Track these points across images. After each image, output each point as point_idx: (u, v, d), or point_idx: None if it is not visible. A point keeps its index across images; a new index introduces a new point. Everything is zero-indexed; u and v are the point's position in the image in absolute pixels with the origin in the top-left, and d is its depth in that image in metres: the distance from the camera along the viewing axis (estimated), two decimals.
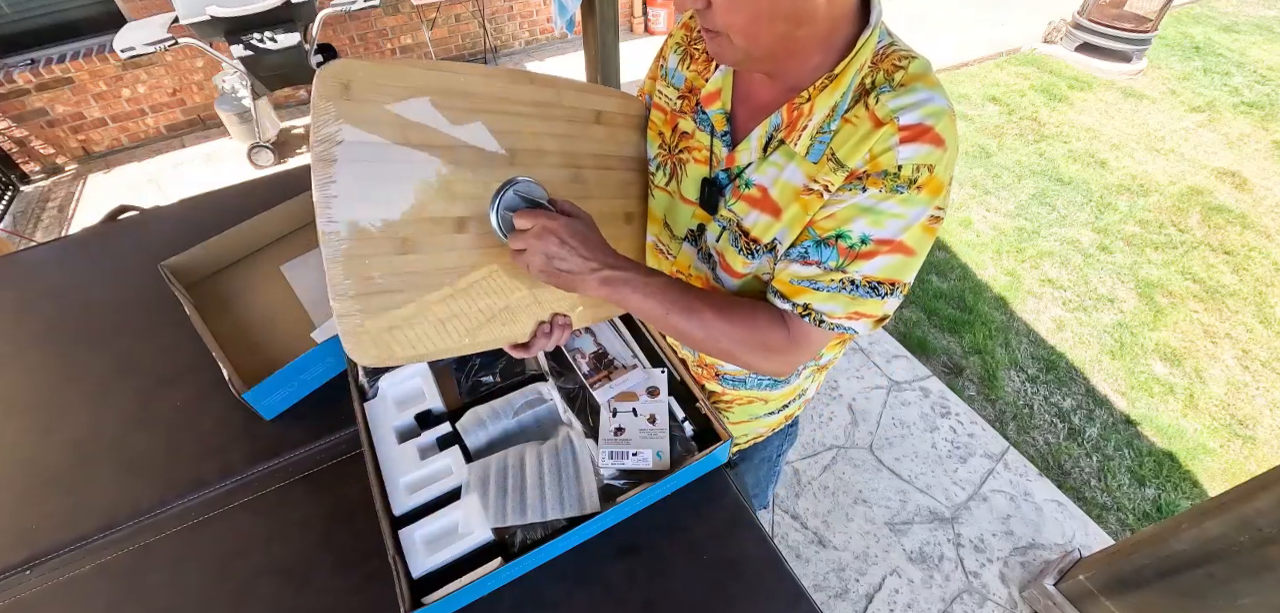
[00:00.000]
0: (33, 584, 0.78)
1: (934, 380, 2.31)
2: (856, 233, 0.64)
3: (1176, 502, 2.03)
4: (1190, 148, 3.87)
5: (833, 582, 1.75)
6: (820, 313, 0.68)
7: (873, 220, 0.64)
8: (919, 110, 0.61)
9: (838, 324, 0.69)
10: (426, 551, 0.72)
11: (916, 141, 0.61)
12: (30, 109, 3.40)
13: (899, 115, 0.62)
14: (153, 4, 3.45)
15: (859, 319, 0.69)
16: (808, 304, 0.69)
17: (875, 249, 0.65)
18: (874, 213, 0.63)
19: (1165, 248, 3.08)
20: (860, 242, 0.65)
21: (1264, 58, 5.01)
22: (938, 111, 0.62)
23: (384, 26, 4.18)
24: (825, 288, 0.67)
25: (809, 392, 1.00)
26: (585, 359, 0.92)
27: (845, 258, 0.66)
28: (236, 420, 0.96)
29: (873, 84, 0.64)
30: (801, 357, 0.73)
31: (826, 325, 0.69)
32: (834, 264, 0.66)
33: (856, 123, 0.64)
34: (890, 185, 0.62)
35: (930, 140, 0.61)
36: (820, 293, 0.68)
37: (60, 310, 1.19)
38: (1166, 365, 2.49)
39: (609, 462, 0.80)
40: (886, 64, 0.65)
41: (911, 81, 0.63)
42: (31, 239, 3.13)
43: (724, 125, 0.75)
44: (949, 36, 5.12)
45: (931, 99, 0.62)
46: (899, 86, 0.63)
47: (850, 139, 0.65)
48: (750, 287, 0.79)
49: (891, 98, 0.63)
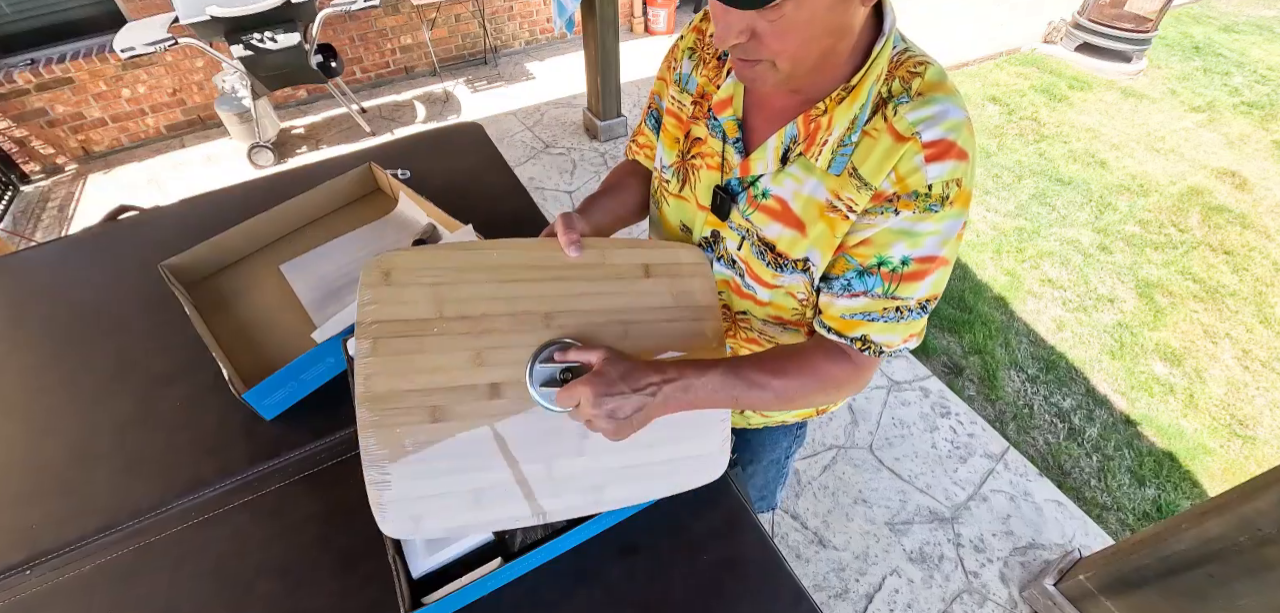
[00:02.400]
0: (33, 584, 0.78)
1: (934, 380, 2.31)
2: (897, 256, 0.65)
3: (1176, 502, 2.03)
4: (1190, 148, 3.87)
5: (833, 582, 1.75)
6: (878, 344, 0.70)
7: (911, 242, 0.64)
8: (939, 124, 0.61)
9: (898, 349, 0.71)
10: (426, 551, 0.72)
11: (943, 159, 0.61)
12: (30, 109, 3.40)
13: (921, 130, 0.61)
14: (153, 4, 3.45)
15: (912, 339, 0.71)
16: (865, 336, 0.70)
17: (918, 270, 0.65)
18: (911, 235, 0.64)
19: (1165, 248, 3.08)
20: (901, 264, 0.65)
21: (1264, 57, 5.02)
22: (957, 124, 0.61)
23: (384, 26, 4.18)
24: (880, 318, 0.69)
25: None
26: None
27: (890, 282, 0.66)
28: (236, 421, 0.96)
29: (890, 94, 0.64)
30: (866, 380, 0.75)
31: (888, 355, 0.71)
32: (881, 291, 0.67)
33: (876, 135, 0.64)
34: (923, 206, 0.62)
35: (955, 155, 0.61)
36: (876, 323, 0.69)
37: (60, 310, 1.19)
38: (1166, 365, 2.49)
39: None
40: (902, 71, 0.64)
41: (929, 91, 0.63)
42: (31, 239, 3.13)
43: (736, 133, 0.74)
44: (949, 36, 5.12)
45: (949, 111, 0.62)
46: (917, 96, 0.63)
47: (871, 153, 0.64)
48: (781, 301, 0.79)
49: (910, 110, 0.62)
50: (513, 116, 4.00)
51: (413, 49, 4.36)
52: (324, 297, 1.12)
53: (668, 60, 0.88)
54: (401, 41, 4.30)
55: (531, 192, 1.44)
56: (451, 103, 4.19)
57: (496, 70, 4.57)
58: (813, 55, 0.60)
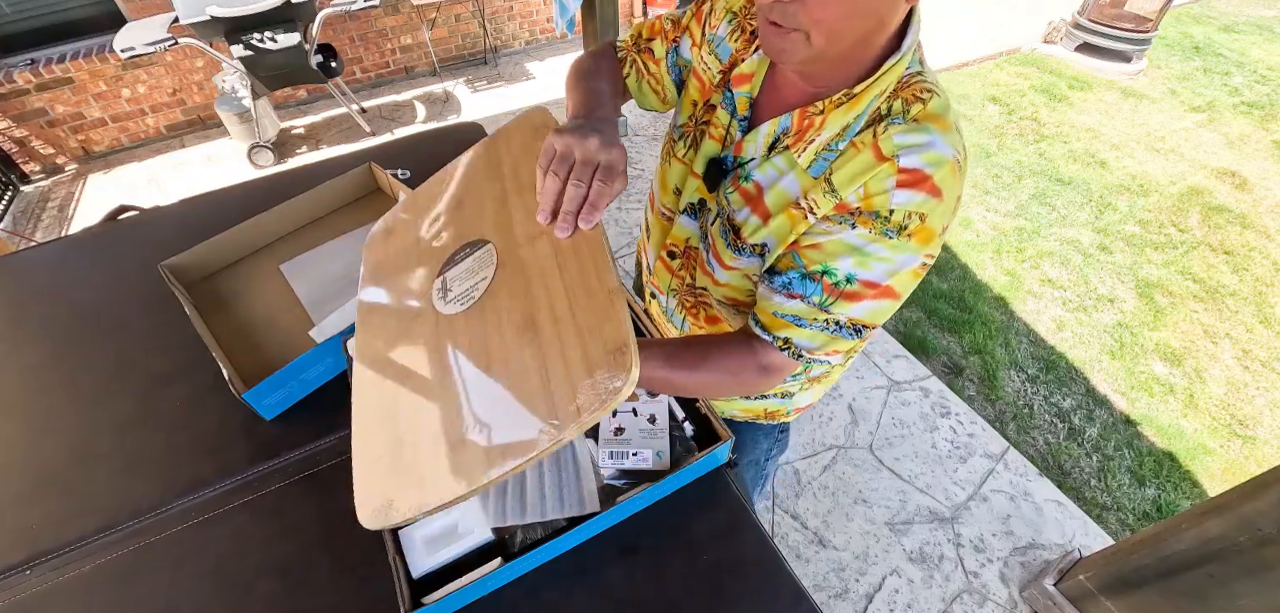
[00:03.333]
0: (32, 584, 0.78)
1: (934, 380, 2.31)
2: (842, 271, 0.64)
3: (1176, 502, 2.03)
4: (1190, 148, 3.87)
5: (833, 582, 1.75)
6: (799, 348, 0.69)
7: (860, 261, 0.63)
8: (921, 154, 0.59)
9: (817, 360, 0.70)
10: (426, 551, 0.72)
11: (913, 188, 0.59)
12: (30, 109, 3.40)
13: (900, 155, 0.60)
14: (153, 4, 3.45)
15: (835, 354, 0.70)
16: (789, 339, 0.69)
17: (860, 292, 0.64)
18: (862, 254, 0.62)
19: (1165, 248, 3.08)
20: (846, 281, 0.64)
21: (1264, 58, 5.02)
22: (940, 160, 0.59)
23: (384, 27, 4.18)
24: (807, 325, 0.67)
25: (797, 398, 1.00)
26: None
27: (829, 295, 0.65)
28: (236, 421, 0.96)
29: (889, 111, 0.62)
30: (775, 382, 0.74)
31: (805, 361, 0.70)
32: (817, 300, 0.66)
33: (861, 148, 0.63)
34: (880, 229, 0.61)
35: (927, 189, 0.59)
36: (802, 329, 0.68)
37: (60, 310, 1.19)
38: (1166, 365, 2.49)
39: (609, 462, 0.80)
40: (907, 93, 0.63)
41: (926, 120, 0.61)
42: (31, 239, 3.13)
43: (746, 110, 0.74)
44: (949, 36, 5.12)
45: (937, 145, 0.60)
46: (912, 121, 0.61)
47: (849, 164, 0.63)
48: (737, 283, 0.80)
49: (899, 132, 0.61)
50: (513, 117, 4.00)
51: (413, 49, 4.36)
52: (324, 296, 1.12)
53: (697, 12, 0.84)
54: (401, 41, 4.30)
55: None
56: (452, 103, 4.19)
57: (496, 70, 4.57)
58: (849, 35, 0.59)
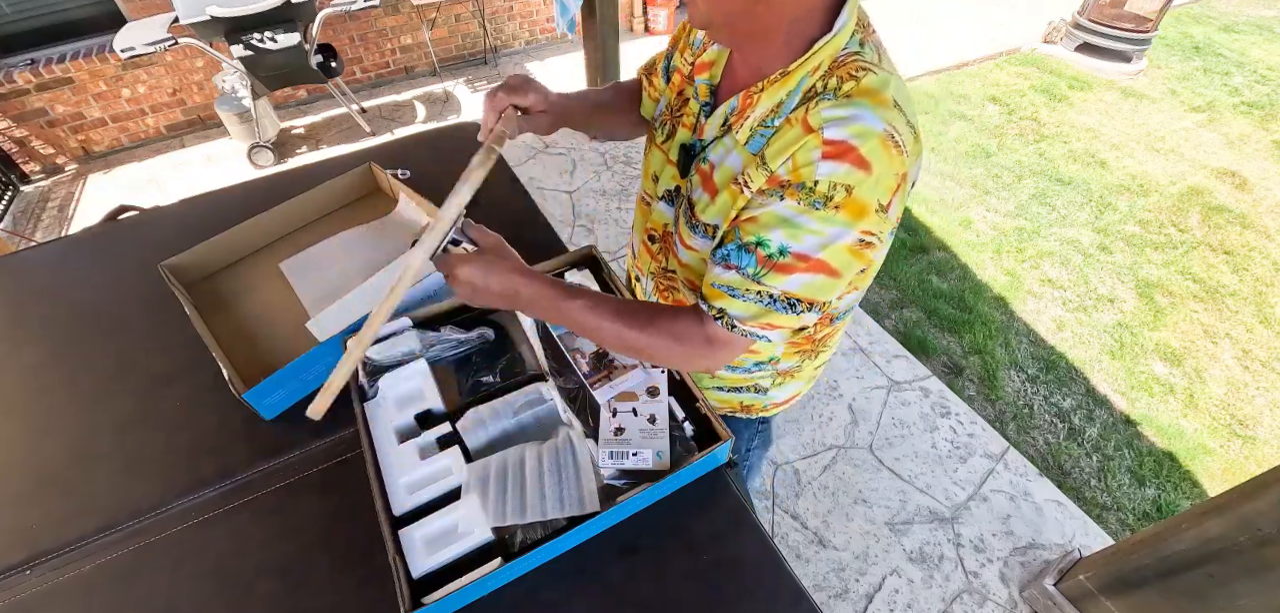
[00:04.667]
0: (32, 584, 0.78)
1: (934, 380, 2.31)
2: (775, 243, 0.64)
3: (1176, 502, 2.03)
4: (1190, 148, 3.87)
5: (833, 582, 1.75)
6: (733, 319, 0.70)
7: (790, 233, 0.63)
8: (846, 126, 0.60)
9: (750, 332, 0.70)
10: (426, 551, 0.72)
11: (836, 160, 0.60)
12: (30, 109, 3.40)
13: (826, 127, 0.60)
14: (153, 4, 3.45)
15: (772, 330, 0.70)
16: (723, 310, 0.70)
17: (792, 264, 0.64)
18: (792, 225, 0.63)
19: (1165, 248, 3.08)
20: (778, 253, 0.65)
21: (1264, 57, 5.02)
22: (866, 132, 0.59)
23: (384, 27, 4.18)
24: (740, 296, 0.68)
25: (772, 393, 1.01)
26: (585, 359, 0.92)
27: (762, 267, 0.66)
28: (236, 420, 0.96)
29: (822, 89, 0.64)
30: (723, 357, 0.75)
31: (739, 332, 0.70)
32: (752, 272, 0.67)
33: (793, 125, 0.64)
34: (807, 200, 0.61)
35: (852, 160, 0.59)
36: (736, 300, 0.69)
37: (60, 310, 1.19)
38: (1166, 365, 2.49)
39: (609, 462, 0.80)
40: (842, 71, 0.63)
41: (858, 95, 0.61)
42: (31, 239, 3.13)
43: (707, 96, 0.79)
44: (949, 36, 5.12)
45: (864, 117, 0.60)
46: (842, 97, 0.62)
47: (779, 140, 0.65)
48: (696, 266, 0.83)
49: (826, 106, 0.61)
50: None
51: (413, 49, 4.36)
52: (324, 296, 1.12)
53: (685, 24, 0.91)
54: (401, 41, 4.30)
55: (532, 192, 1.44)
56: (451, 103, 4.19)
57: (497, 70, 4.57)
58: (735, 7, 0.63)
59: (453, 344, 0.96)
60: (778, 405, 1.05)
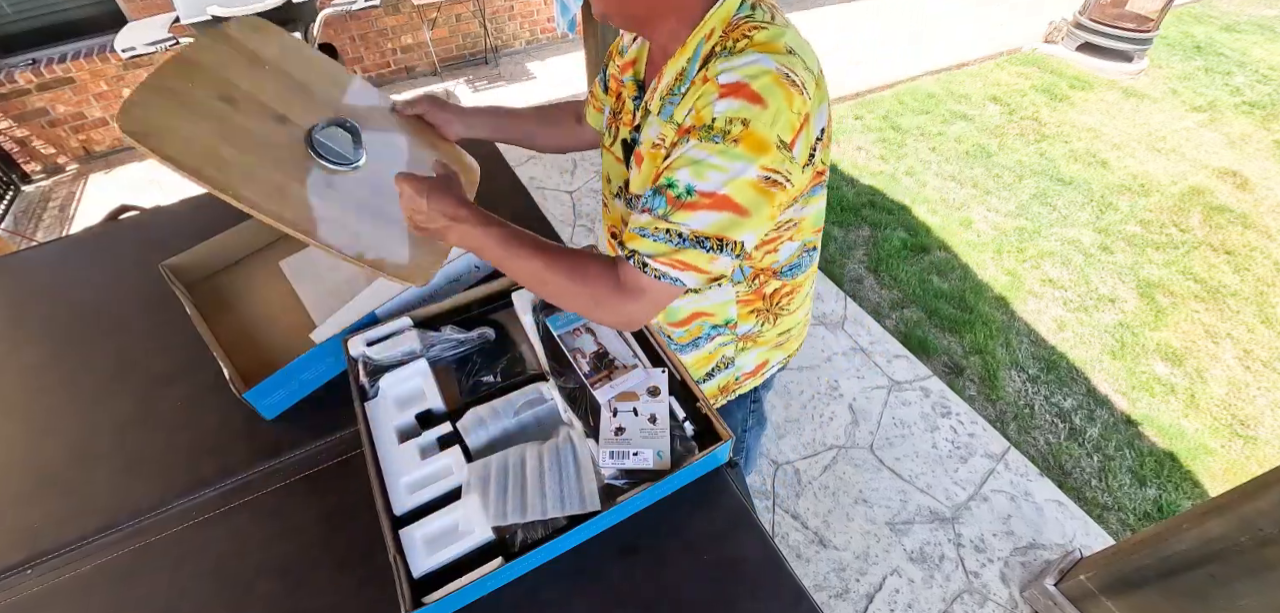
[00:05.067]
0: (32, 584, 0.78)
1: (934, 380, 2.30)
2: (682, 182, 0.68)
3: (1177, 502, 2.03)
4: (1191, 148, 3.87)
5: (833, 582, 1.75)
6: (644, 257, 0.71)
7: (695, 171, 0.67)
8: (738, 70, 0.65)
9: (664, 273, 0.71)
10: (427, 550, 0.72)
11: (731, 97, 0.64)
12: (31, 109, 3.40)
13: (721, 75, 0.66)
14: (154, 4, 3.46)
15: (686, 271, 0.71)
16: (634, 250, 0.72)
17: (698, 201, 0.67)
18: (697, 165, 0.66)
19: (1166, 248, 3.08)
20: (686, 192, 0.68)
21: (1265, 57, 5.01)
22: (758, 71, 0.64)
23: (384, 26, 4.18)
24: (651, 236, 0.70)
25: (739, 361, 1.03)
26: (586, 359, 0.92)
27: (671, 206, 0.69)
28: (237, 420, 0.96)
29: (717, 51, 0.69)
30: (637, 307, 0.76)
31: (653, 272, 0.72)
32: (661, 212, 0.70)
33: (696, 86, 0.70)
34: (707, 136, 0.65)
35: (745, 96, 0.64)
36: (646, 240, 0.71)
37: (61, 310, 1.19)
38: (1167, 365, 2.48)
39: (609, 461, 0.80)
40: (736, 34, 0.68)
41: (749, 48, 0.66)
42: (32, 239, 3.13)
43: (635, 90, 0.84)
44: (950, 36, 5.11)
45: (757, 61, 0.64)
46: (734, 53, 0.66)
47: (687, 101, 0.71)
48: None
49: (722, 62, 0.66)
50: None
51: (413, 49, 4.36)
52: (325, 296, 1.12)
53: (618, 38, 0.99)
54: (402, 41, 4.30)
55: (532, 191, 1.44)
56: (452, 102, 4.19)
57: (497, 70, 4.57)
58: (631, 4, 0.71)
59: (453, 344, 0.96)
60: (750, 376, 1.07)
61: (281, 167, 0.84)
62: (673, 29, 0.73)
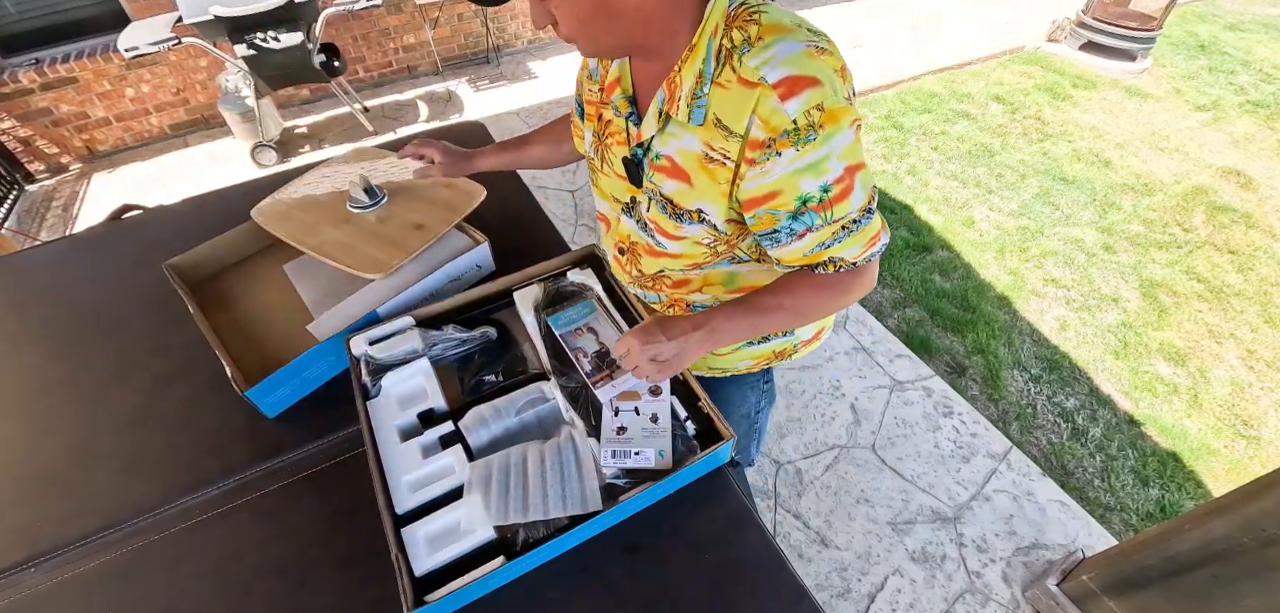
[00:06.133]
0: (34, 583, 0.78)
1: (937, 380, 2.30)
2: (813, 190, 0.70)
3: (1180, 502, 2.03)
4: (1195, 147, 3.85)
5: (835, 581, 1.75)
6: (846, 259, 0.77)
7: (814, 172, 0.69)
8: (780, 64, 0.66)
9: (866, 257, 0.77)
10: (429, 549, 0.72)
11: (794, 94, 0.66)
12: (34, 108, 3.41)
13: (764, 74, 0.66)
14: (156, 3, 3.46)
15: (878, 242, 0.77)
16: (831, 258, 0.77)
17: (836, 192, 0.71)
18: (812, 168, 0.69)
19: (1169, 247, 3.07)
20: (822, 192, 0.71)
21: (1269, 56, 4.99)
22: (796, 57, 0.66)
23: (386, 26, 4.18)
24: (836, 241, 0.75)
25: (799, 331, 1.04)
26: (588, 358, 0.92)
27: (825, 211, 0.72)
28: (238, 420, 0.96)
29: (733, 45, 0.69)
30: (866, 283, 0.82)
31: (858, 265, 0.78)
32: (821, 222, 0.73)
33: (728, 86, 0.70)
34: (797, 139, 0.67)
35: (805, 86, 0.65)
36: (836, 246, 0.75)
37: (63, 309, 1.20)
38: (1170, 365, 2.48)
39: (611, 461, 0.80)
40: (738, 23, 0.69)
41: (767, 34, 0.68)
42: (36, 238, 3.14)
43: (628, 107, 0.84)
44: (952, 35, 5.10)
45: (787, 47, 0.66)
46: (756, 42, 0.68)
47: (728, 102, 0.70)
48: (690, 250, 0.86)
49: (752, 56, 0.68)
50: (515, 116, 4.00)
51: (415, 48, 4.36)
52: (326, 295, 1.12)
53: (583, 62, 0.99)
54: (404, 41, 4.30)
55: (534, 190, 1.44)
56: (454, 102, 4.19)
57: (499, 69, 4.57)
58: (600, 30, 0.70)
59: (455, 343, 0.96)
60: (806, 344, 1.08)
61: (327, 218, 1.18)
62: (671, 39, 0.73)
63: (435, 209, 1.18)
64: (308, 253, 1.08)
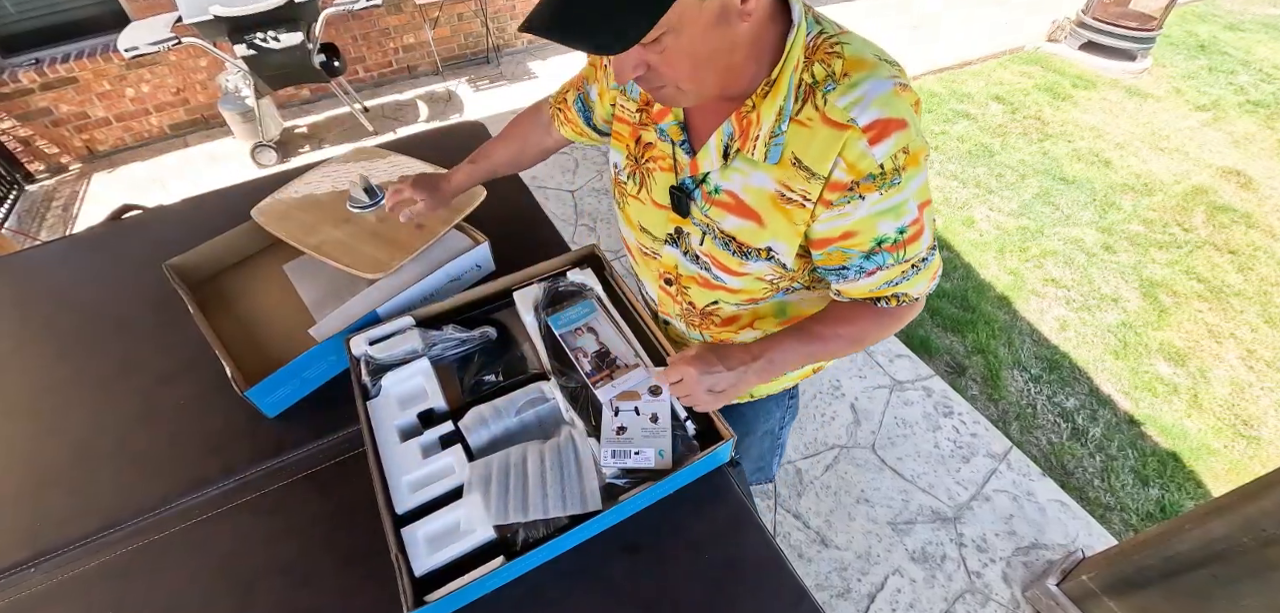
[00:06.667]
0: (35, 583, 0.79)
1: (937, 380, 2.30)
2: (890, 232, 0.69)
3: (1180, 502, 2.03)
4: (1195, 147, 3.85)
5: (835, 581, 1.75)
6: (912, 295, 0.77)
7: (896, 215, 0.68)
8: (870, 105, 0.63)
9: (929, 291, 0.78)
10: (429, 549, 0.72)
11: (884, 138, 0.63)
12: (34, 108, 3.41)
13: (856, 116, 0.63)
14: (156, 3, 3.46)
15: (935, 280, 0.78)
16: (897, 294, 0.76)
17: (913, 232, 0.70)
18: (893, 211, 0.67)
19: (1169, 247, 3.07)
20: (898, 234, 0.69)
21: (1269, 56, 4.99)
22: (887, 98, 0.63)
23: (386, 26, 4.18)
24: (904, 280, 0.74)
25: None
26: (587, 358, 0.92)
27: (898, 251, 0.71)
28: (239, 419, 0.96)
29: (815, 80, 0.66)
30: (910, 318, 0.82)
31: (922, 300, 0.79)
32: (892, 262, 0.72)
33: (811, 125, 0.66)
34: (884, 183, 0.65)
35: (894, 128, 0.63)
36: (905, 283, 0.75)
37: (64, 309, 1.20)
38: (1170, 365, 2.48)
39: (611, 460, 0.80)
40: (820, 55, 0.66)
41: (853, 70, 0.64)
42: (36, 238, 3.14)
43: (680, 135, 0.78)
44: (952, 35, 5.10)
45: (877, 87, 0.63)
46: (842, 79, 0.64)
47: (811, 143, 0.67)
48: (752, 286, 0.81)
49: (838, 95, 0.64)
50: (515, 115, 4.00)
51: (415, 48, 4.36)
52: (326, 296, 1.12)
53: (602, 66, 0.92)
54: (404, 41, 4.30)
55: (534, 190, 1.44)
56: (454, 102, 4.19)
57: (499, 69, 4.57)
58: (711, 74, 0.64)
59: (455, 343, 0.96)
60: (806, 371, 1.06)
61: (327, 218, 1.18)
62: (754, 73, 0.68)
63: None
64: (308, 253, 1.09)
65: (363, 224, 1.16)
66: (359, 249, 1.09)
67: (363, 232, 1.14)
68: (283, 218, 1.18)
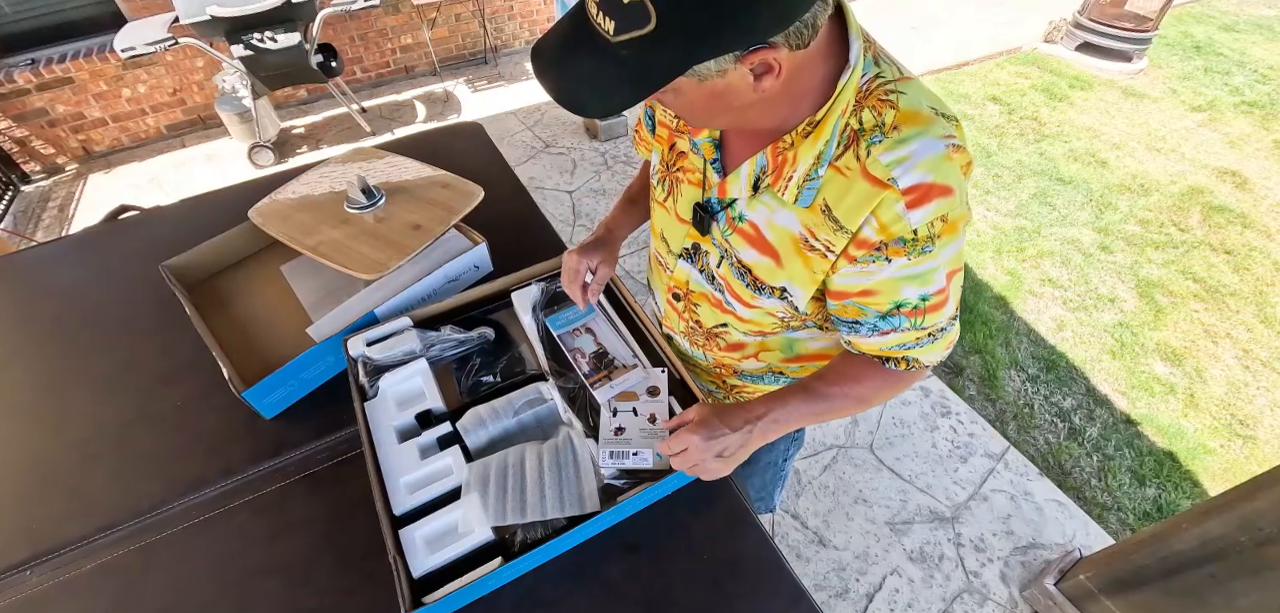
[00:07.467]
0: (34, 583, 0.78)
1: (934, 380, 2.30)
2: (912, 298, 0.66)
3: (1177, 502, 2.03)
4: (1191, 147, 3.87)
5: (833, 581, 1.75)
6: (921, 362, 0.74)
7: (921, 283, 0.64)
8: (916, 167, 0.58)
9: (939, 361, 0.75)
10: (427, 550, 0.72)
11: (923, 203, 0.58)
12: (31, 109, 3.40)
13: (897, 177, 0.58)
14: (153, 4, 3.45)
15: (949, 349, 0.75)
16: (907, 358, 0.73)
17: (936, 301, 0.66)
18: (918, 277, 0.64)
19: (1166, 247, 3.08)
20: (921, 301, 0.66)
21: (1265, 57, 5.01)
22: (935, 161, 0.58)
23: (384, 26, 4.18)
24: (917, 346, 0.71)
25: None
26: (586, 359, 0.92)
27: (915, 317, 0.68)
28: (237, 420, 0.96)
29: (862, 127, 0.60)
30: (919, 380, 0.83)
31: (932, 367, 0.76)
32: (909, 326, 0.68)
33: (849, 175, 0.61)
34: (915, 250, 0.61)
35: (937, 194, 0.58)
36: (919, 349, 0.72)
37: (61, 310, 1.19)
38: (1167, 365, 2.48)
39: (609, 461, 0.80)
40: (872, 102, 0.60)
41: (904, 123, 0.59)
42: (32, 239, 3.13)
43: (713, 153, 0.74)
44: (950, 36, 5.11)
45: (926, 147, 0.58)
46: (891, 132, 0.59)
47: (846, 194, 0.62)
48: (761, 319, 0.81)
49: (883, 151, 0.59)
50: (513, 116, 4.00)
51: (413, 49, 4.36)
52: (324, 297, 1.12)
53: None
54: (402, 41, 4.30)
55: (532, 191, 1.44)
56: (452, 102, 4.19)
57: (497, 70, 4.57)
58: (724, 121, 0.65)
59: (453, 344, 0.96)
60: None
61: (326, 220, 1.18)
62: (804, 107, 0.62)
63: (433, 209, 1.17)
64: (305, 254, 1.08)
65: (360, 225, 1.15)
66: (356, 250, 1.09)
67: (360, 232, 1.13)
68: (280, 219, 1.17)
